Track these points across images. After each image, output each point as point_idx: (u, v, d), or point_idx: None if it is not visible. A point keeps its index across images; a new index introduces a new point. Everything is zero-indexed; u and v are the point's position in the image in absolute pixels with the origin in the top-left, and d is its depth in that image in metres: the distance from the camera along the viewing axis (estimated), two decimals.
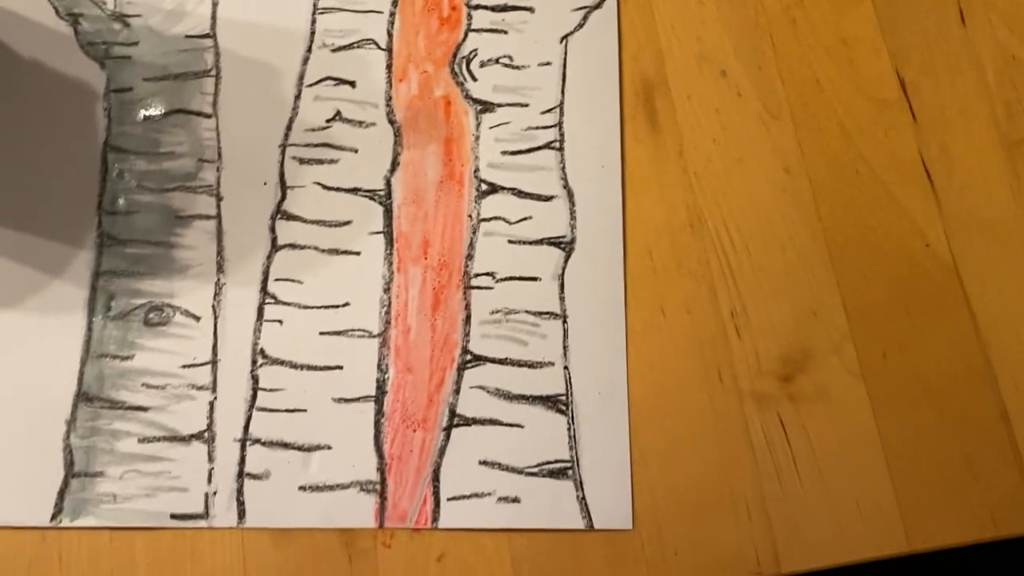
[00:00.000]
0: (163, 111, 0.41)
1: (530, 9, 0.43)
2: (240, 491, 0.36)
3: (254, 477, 0.37)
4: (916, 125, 0.41)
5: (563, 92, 0.42)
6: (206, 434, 0.37)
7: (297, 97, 0.42)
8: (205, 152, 0.41)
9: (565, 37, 0.43)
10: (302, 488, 0.36)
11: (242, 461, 0.37)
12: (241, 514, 0.36)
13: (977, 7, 0.43)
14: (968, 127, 0.41)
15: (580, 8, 0.43)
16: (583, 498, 0.36)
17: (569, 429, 0.37)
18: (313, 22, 0.43)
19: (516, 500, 0.36)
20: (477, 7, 0.43)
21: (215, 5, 0.43)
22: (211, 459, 0.37)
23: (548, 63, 0.42)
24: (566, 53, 0.42)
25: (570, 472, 0.37)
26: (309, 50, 0.42)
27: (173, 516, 0.36)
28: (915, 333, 0.38)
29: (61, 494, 0.36)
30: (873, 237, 0.40)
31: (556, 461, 0.37)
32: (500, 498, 0.36)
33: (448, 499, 0.36)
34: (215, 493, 0.36)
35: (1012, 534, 0.36)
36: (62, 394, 0.37)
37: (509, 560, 0.36)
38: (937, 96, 0.42)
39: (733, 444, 0.37)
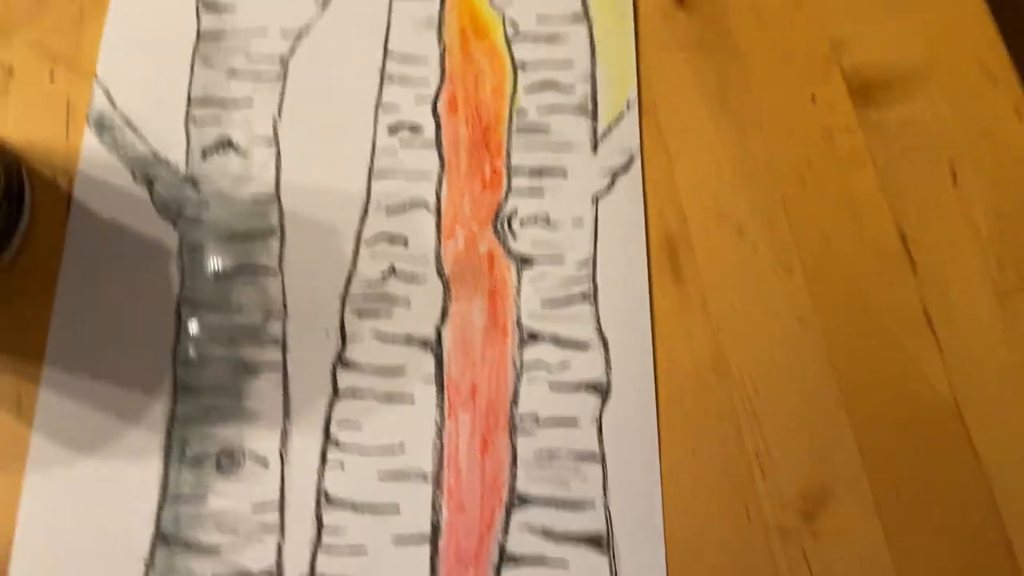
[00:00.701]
0: (232, 268, 0.45)
1: (563, 175, 0.47)
2: None
3: None
4: (917, 277, 0.46)
5: (595, 248, 0.46)
6: (274, 572, 0.40)
7: (355, 253, 0.46)
8: (272, 305, 0.45)
9: (596, 198, 0.47)
10: None
11: None
12: None
13: (967, 167, 0.48)
14: (964, 278, 0.46)
15: (608, 172, 0.48)
16: None
17: (610, 566, 0.40)
18: (369, 186, 0.47)
19: None
20: (516, 172, 0.47)
21: (278, 170, 0.48)
22: None
23: (581, 221, 0.47)
24: (597, 212, 0.47)
25: None
26: (366, 211, 0.47)
27: None
28: (924, 471, 0.42)
29: None
30: (881, 381, 0.44)
31: None
32: None
33: None
34: None
35: None
36: (141, 536, 0.41)
37: None
38: (935, 249, 0.46)
39: None
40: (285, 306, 0.45)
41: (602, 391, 0.43)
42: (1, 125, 0.49)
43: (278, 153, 0.48)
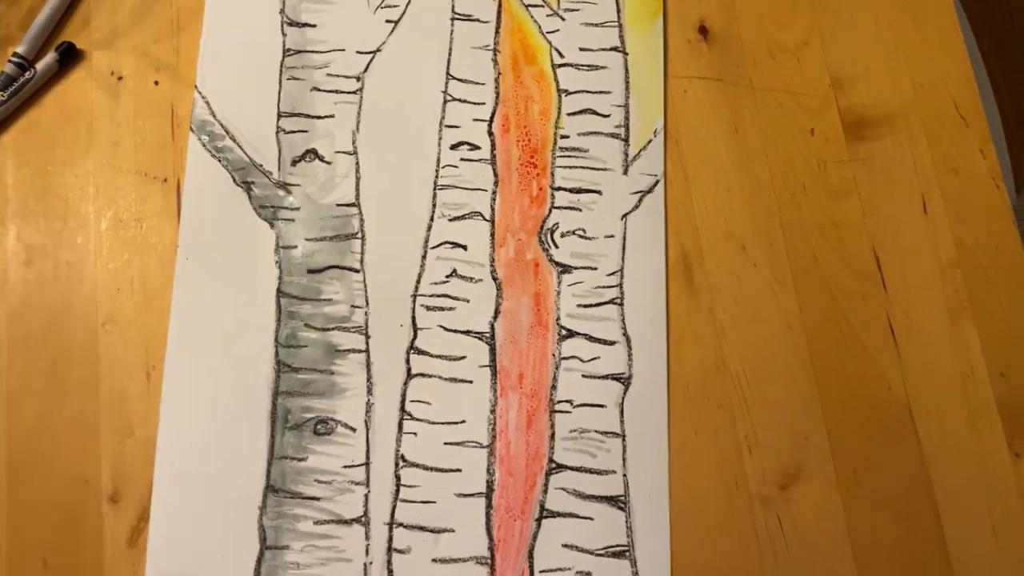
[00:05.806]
0: (322, 266, 0.55)
1: (599, 192, 0.57)
2: (389, 562, 0.50)
3: (399, 552, 0.51)
4: (886, 293, 0.56)
5: (623, 259, 0.56)
6: (363, 519, 0.51)
7: (423, 257, 0.55)
8: (356, 300, 0.54)
9: (625, 215, 0.56)
10: (434, 560, 0.50)
11: (390, 540, 0.51)
12: None
13: (937, 200, 0.57)
14: (924, 296, 0.56)
15: (636, 192, 0.57)
16: (636, 573, 0.51)
17: (627, 522, 0.51)
18: (434, 196, 0.56)
19: (589, 574, 0.50)
20: (559, 189, 0.56)
21: (358, 179, 0.56)
22: (367, 537, 0.51)
23: (612, 235, 0.56)
24: (626, 228, 0.56)
25: (627, 553, 0.51)
26: (432, 219, 0.56)
27: None
28: (877, 456, 0.53)
29: (258, 562, 0.50)
30: (850, 381, 0.54)
31: (617, 545, 0.51)
32: (577, 572, 0.50)
33: (540, 572, 0.50)
34: (371, 563, 0.50)
35: None
36: (255, 487, 0.51)
37: None
38: (902, 271, 0.56)
39: (744, 535, 0.52)
40: (367, 300, 0.54)
41: (625, 381, 0.54)
42: (114, 128, 0.57)
43: (357, 164, 0.56)
